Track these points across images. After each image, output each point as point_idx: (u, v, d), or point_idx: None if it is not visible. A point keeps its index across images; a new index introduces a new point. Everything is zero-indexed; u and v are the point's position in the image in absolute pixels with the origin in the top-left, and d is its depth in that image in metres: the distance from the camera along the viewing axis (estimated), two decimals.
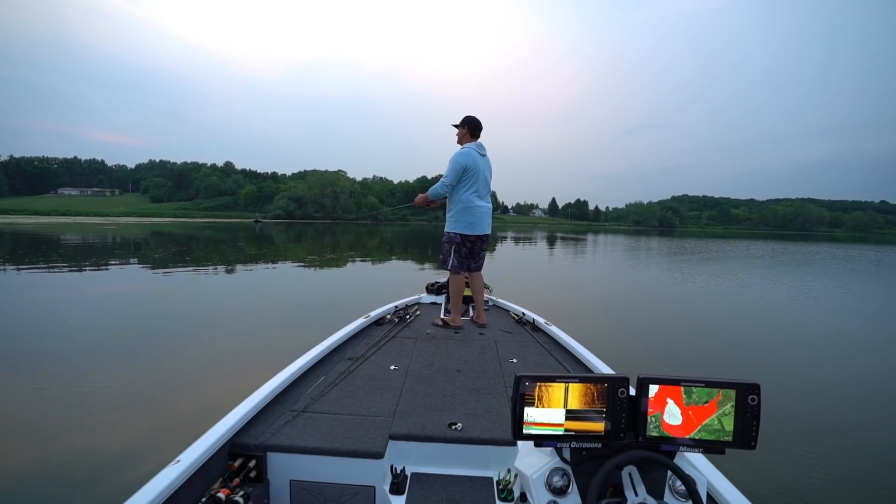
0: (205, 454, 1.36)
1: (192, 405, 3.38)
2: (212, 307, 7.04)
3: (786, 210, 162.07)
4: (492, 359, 2.63)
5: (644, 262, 17.35)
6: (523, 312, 3.61)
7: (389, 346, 2.82)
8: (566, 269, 14.57)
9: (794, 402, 3.76)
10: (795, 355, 5.32)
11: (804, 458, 2.84)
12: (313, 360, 2.35)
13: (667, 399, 0.97)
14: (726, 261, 18.76)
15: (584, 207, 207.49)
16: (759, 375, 4.33)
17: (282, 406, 1.88)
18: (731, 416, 0.96)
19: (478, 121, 3.36)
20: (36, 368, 4.07)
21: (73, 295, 7.65)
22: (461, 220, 3.24)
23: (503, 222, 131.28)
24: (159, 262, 13.00)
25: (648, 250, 24.94)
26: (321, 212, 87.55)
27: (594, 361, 2.38)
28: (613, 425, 0.98)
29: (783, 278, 12.86)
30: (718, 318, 7.38)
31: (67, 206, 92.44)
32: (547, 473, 1.02)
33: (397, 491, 1.56)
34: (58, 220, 54.78)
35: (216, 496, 1.31)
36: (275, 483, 1.59)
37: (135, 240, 22.65)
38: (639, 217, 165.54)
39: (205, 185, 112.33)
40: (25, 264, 11.46)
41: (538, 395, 0.98)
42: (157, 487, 1.16)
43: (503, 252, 21.57)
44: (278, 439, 1.60)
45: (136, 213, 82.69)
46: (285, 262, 13.81)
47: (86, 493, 2.31)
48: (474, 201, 3.22)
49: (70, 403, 3.37)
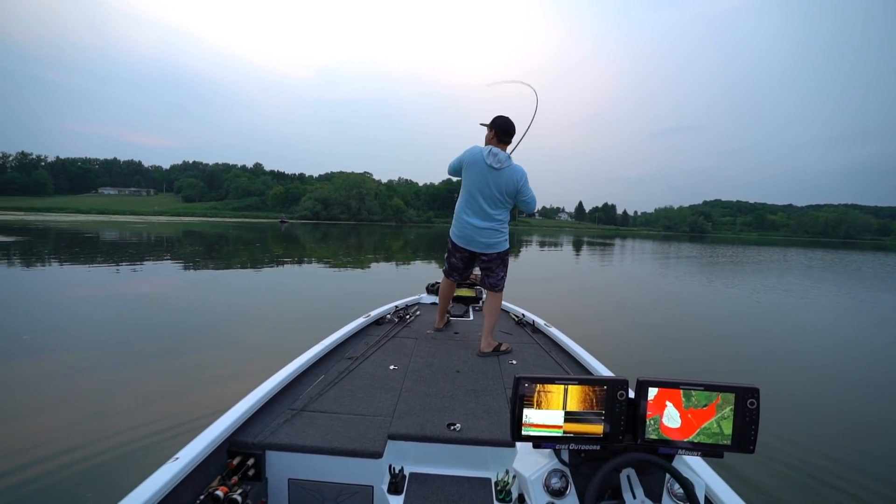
0: (203, 452, 1.36)
1: (193, 402, 3.35)
2: (218, 305, 6.90)
3: (828, 216, 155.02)
4: (491, 360, 2.62)
5: (675, 272, 16.31)
6: (523, 314, 3.57)
7: (389, 345, 2.79)
8: (588, 277, 13.82)
9: (795, 405, 3.78)
10: (805, 359, 5.32)
11: (802, 462, 2.82)
12: (313, 359, 2.33)
13: (666, 402, 0.97)
14: (778, 270, 17.50)
15: (611, 211, 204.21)
16: (761, 379, 4.27)
17: (281, 405, 1.87)
18: (729, 420, 0.95)
19: (509, 124, 2.78)
20: (34, 365, 4.03)
21: (82, 293, 7.47)
22: (454, 225, 2.94)
23: (528, 226, 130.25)
24: (182, 260, 13.02)
25: (679, 259, 23.66)
26: (346, 213, 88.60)
27: (593, 364, 2.36)
28: (612, 428, 0.98)
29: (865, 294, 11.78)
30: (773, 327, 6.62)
31: (106, 205, 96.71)
32: (545, 475, 1.01)
33: (395, 491, 1.56)
34: (95, 218, 57.34)
35: (214, 494, 1.31)
36: (273, 481, 1.58)
37: (163, 238, 23.09)
38: (669, 222, 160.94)
39: (235, 185, 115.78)
40: (45, 260, 11.55)
41: (537, 397, 0.97)
42: (156, 485, 1.16)
43: (527, 256, 20.90)
44: (277, 438, 1.60)
45: (169, 213, 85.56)
46: (305, 263, 13.67)
47: (84, 490, 2.29)
48: (461, 212, 2.86)
49: (69, 401, 3.35)
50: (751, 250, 35.39)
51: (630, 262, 20.20)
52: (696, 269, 17.40)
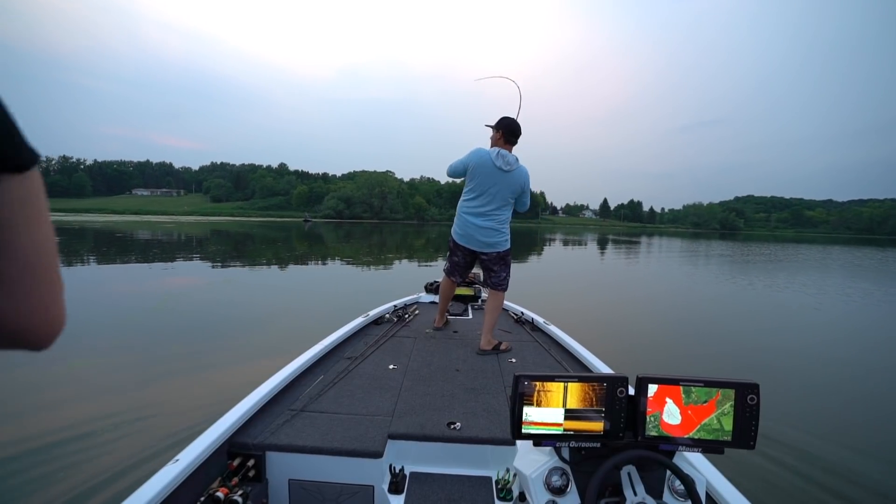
0: (203, 453, 1.36)
1: (193, 403, 3.32)
2: (228, 306, 6.77)
3: (872, 212, 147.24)
4: (490, 358, 2.62)
5: (710, 272, 15.47)
6: (522, 312, 3.57)
7: (388, 345, 2.78)
8: (608, 276, 13.21)
9: (797, 401, 3.74)
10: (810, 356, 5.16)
11: (803, 457, 2.80)
12: (312, 360, 2.33)
13: (666, 399, 0.97)
14: (822, 270, 16.39)
15: (637, 208, 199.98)
16: (763, 376, 4.20)
17: (280, 405, 1.87)
18: (730, 416, 0.95)
19: (515, 125, 2.82)
20: (34, 365, 3.98)
21: (92, 294, 7.45)
22: (456, 224, 2.97)
23: (552, 224, 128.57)
24: (206, 259, 13.15)
25: (709, 256, 22.59)
26: (369, 212, 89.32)
27: (593, 361, 2.36)
28: (612, 425, 0.98)
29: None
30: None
31: (139, 205, 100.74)
32: (546, 473, 1.01)
33: (396, 490, 1.56)
34: (128, 218, 59.43)
35: (215, 495, 1.31)
36: (273, 482, 1.59)
37: (192, 237, 23.54)
38: (698, 219, 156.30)
39: (260, 185, 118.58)
40: (70, 260, 11.79)
41: (537, 395, 0.98)
42: (156, 487, 1.16)
43: (549, 253, 20.37)
44: (277, 438, 1.60)
45: (197, 213, 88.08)
46: (324, 262, 13.60)
47: (84, 493, 2.26)
48: (463, 211, 2.89)
49: (69, 402, 3.32)
50: (788, 248, 33.61)
51: (655, 261, 19.36)
52: (735, 269, 16.44)
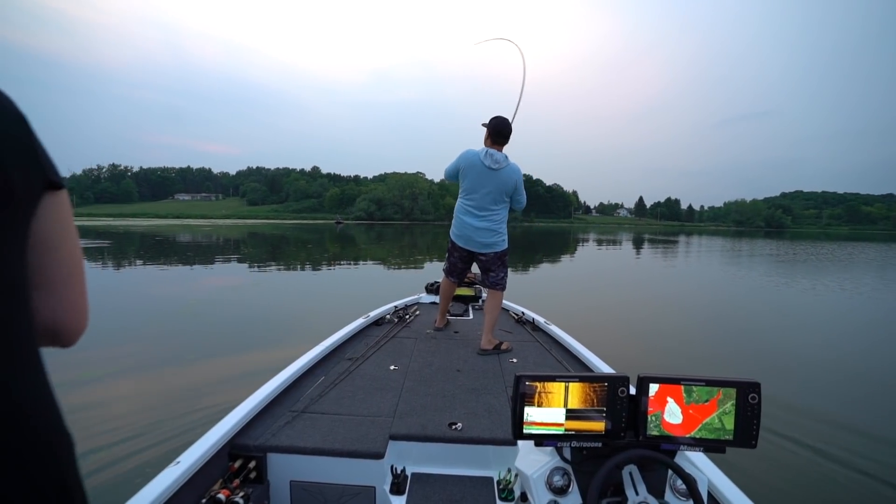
0: (205, 455, 1.36)
1: (194, 405, 3.32)
2: (245, 308, 6.66)
3: None
4: (491, 358, 2.62)
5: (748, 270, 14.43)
6: (523, 312, 3.57)
7: (389, 346, 2.79)
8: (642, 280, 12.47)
9: (797, 400, 3.70)
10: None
11: (805, 456, 2.80)
12: (313, 361, 2.32)
13: (667, 398, 0.97)
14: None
15: (675, 206, 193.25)
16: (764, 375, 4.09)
17: (282, 407, 1.86)
18: (731, 415, 0.95)
19: (503, 125, 2.83)
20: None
21: (110, 298, 7.53)
22: (453, 225, 3.00)
23: (585, 223, 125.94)
24: (242, 261, 13.38)
25: (752, 257, 21.21)
26: (400, 213, 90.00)
27: (594, 361, 2.36)
28: (614, 424, 0.98)
29: None
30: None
31: (180, 209, 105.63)
32: (547, 473, 1.01)
33: (398, 491, 1.56)
34: (170, 222, 62.40)
35: (216, 497, 1.31)
36: (275, 484, 1.59)
37: (230, 240, 24.21)
38: (741, 217, 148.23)
39: (294, 188, 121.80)
40: (108, 262, 12.15)
41: (538, 395, 0.98)
42: (157, 489, 1.16)
43: (582, 254, 19.67)
44: (278, 440, 1.60)
45: (234, 216, 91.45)
46: (355, 262, 13.55)
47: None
48: (460, 212, 2.93)
49: (69, 402, 3.28)
50: (846, 247, 31.09)
51: (695, 262, 18.32)
52: (798, 270, 15.29)
